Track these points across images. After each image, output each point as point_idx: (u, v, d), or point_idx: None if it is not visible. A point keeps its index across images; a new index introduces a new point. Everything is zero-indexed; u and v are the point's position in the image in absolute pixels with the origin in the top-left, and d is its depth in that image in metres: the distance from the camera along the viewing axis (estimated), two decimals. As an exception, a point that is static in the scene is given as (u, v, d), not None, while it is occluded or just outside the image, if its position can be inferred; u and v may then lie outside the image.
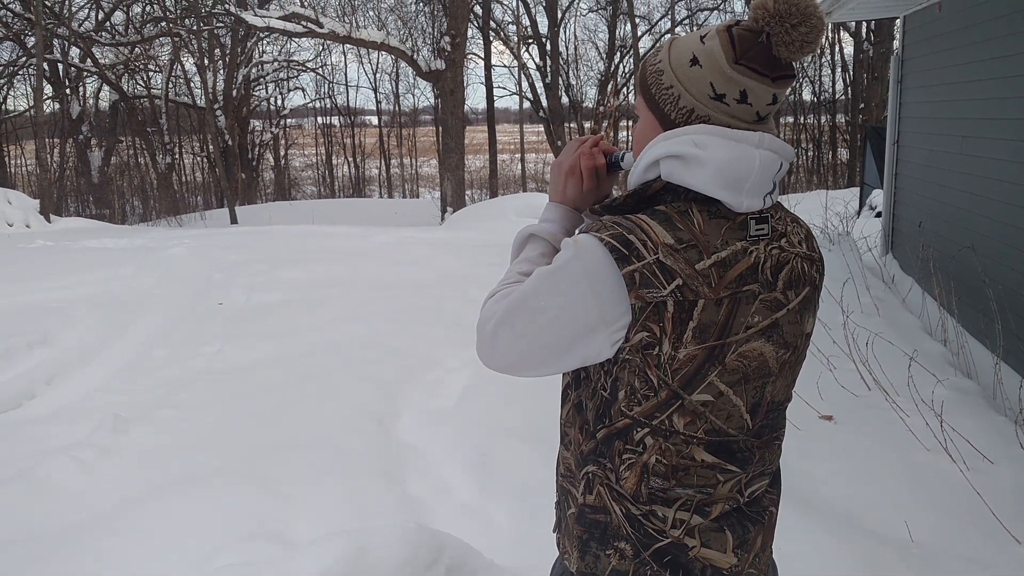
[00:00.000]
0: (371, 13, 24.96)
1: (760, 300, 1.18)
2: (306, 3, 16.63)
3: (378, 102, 33.86)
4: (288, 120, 32.61)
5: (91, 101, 24.86)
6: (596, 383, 1.23)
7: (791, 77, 1.18)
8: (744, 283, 1.16)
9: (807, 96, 28.30)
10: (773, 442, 1.29)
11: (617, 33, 27.78)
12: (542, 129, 27.23)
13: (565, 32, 28.89)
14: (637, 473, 1.21)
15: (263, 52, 26.74)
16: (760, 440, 1.26)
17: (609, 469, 1.24)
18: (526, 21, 26.61)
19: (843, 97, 27.13)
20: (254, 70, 26.47)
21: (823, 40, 1.16)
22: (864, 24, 21.99)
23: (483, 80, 25.97)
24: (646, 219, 1.16)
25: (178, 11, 21.31)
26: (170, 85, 24.37)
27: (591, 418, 1.25)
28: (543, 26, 26.26)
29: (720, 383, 1.18)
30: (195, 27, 20.54)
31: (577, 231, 1.23)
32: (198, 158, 28.15)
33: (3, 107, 23.16)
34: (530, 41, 26.64)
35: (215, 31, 22.65)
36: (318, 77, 31.90)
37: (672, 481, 1.21)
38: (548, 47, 25.79)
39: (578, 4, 29.78)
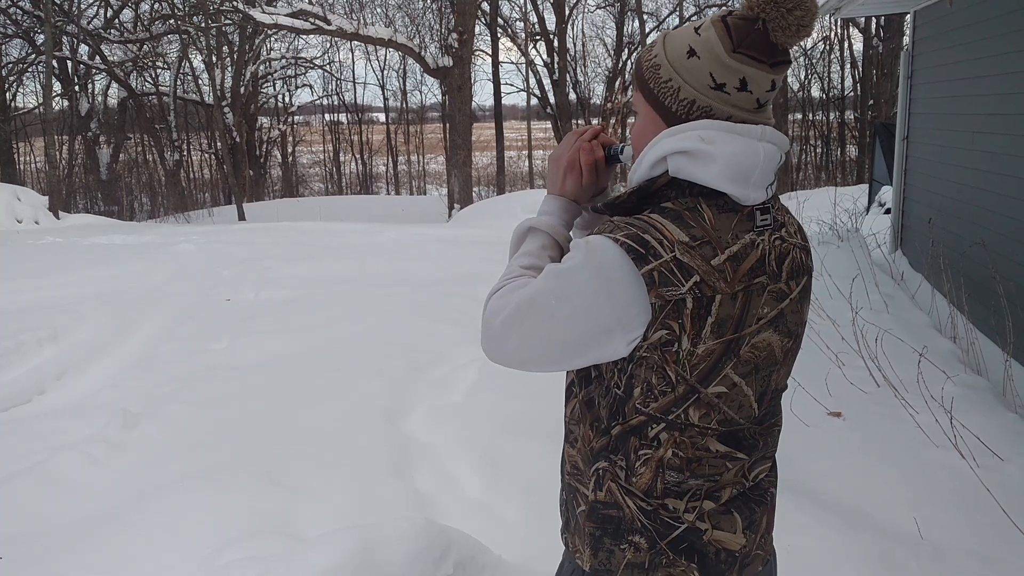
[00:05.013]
0: (379, 10, 25.00)
1: (768, 291, 1.21)
2: (314, 0, 16.63)
3: (385, 99, 33.86)
4: (296, 117, 32.67)
5: (100, 98, 24.91)
6: (609, 381, 1.23)
7: (787, 62, 1.21)
8: (755, 275, 1.19)
9: (816, 93, 28.23)
10: (773, 428, 1.33)
11: (625, 29, 27.77)
12: (550, 126, 27.21)
13: (573, 28, 28.94)
14: (652, 468, 1.22)
15: (271, 49, 26.83)
16: (763, 427, 1.29)
17: (620, 466, 1.24)
18: (533, 18, 26.62)
19: (852, 93, 27.03)
20: (262, 67, 26.53)
21: (819, 24, 1.16)
22: (874, 20, 21.89)
23: (490, 77, 26.08)
24: (658, 218, 1.16)
25: (186, 8, 21.33)
26: (178, 82, 24.46)
27: (604, 415, 1.25)
28: (551, 23, 26.22)
29: (734, 375, 1.20)
30: (203, 24, 20.57)
31: (586, 233, 1.23)
32: (206, 155, 28.21)
33: (13, 104, 23.23)
34: (538, 38, 26.61)
35: (223, 28, 22.68)
36: (325, 74, 32.00)
37: (687, 473, 1.22)
38: (556, 44, 25.75)
39: (586, 0, 29.74)
